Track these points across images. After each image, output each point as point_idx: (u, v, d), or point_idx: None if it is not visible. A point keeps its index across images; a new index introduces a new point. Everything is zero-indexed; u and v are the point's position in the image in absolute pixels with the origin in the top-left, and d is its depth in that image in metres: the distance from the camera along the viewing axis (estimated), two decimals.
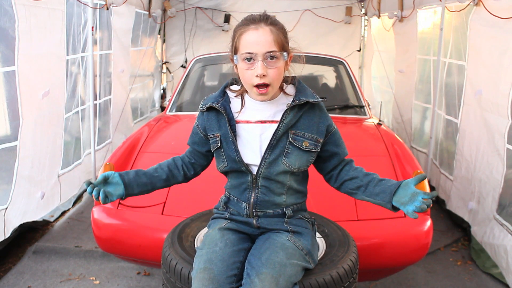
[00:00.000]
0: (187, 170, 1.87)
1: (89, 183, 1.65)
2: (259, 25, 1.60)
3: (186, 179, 1.89)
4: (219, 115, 1.74)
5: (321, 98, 1.74)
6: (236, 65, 1.68)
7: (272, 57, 1.60)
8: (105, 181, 1.70)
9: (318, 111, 1.73)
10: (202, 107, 1.77)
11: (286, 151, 1.67)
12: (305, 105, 1.70)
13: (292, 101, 1.68)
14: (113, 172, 1.73)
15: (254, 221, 1.73)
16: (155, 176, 1.81)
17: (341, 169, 1.78)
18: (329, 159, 1.78)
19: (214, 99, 1.76)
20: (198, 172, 1.91)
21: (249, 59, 1.60)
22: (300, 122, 1.69)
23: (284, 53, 1.63)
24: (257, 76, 1.59)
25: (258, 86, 1.61)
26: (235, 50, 1.64)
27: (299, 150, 1.68)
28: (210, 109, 1.76)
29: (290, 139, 1.67)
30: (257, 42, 1.58)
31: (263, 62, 1.58)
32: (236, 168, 1.71)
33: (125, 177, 1.75)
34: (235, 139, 1.70)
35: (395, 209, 1.63)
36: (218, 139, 1.73)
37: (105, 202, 1.67)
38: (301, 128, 1.69)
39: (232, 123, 1.71)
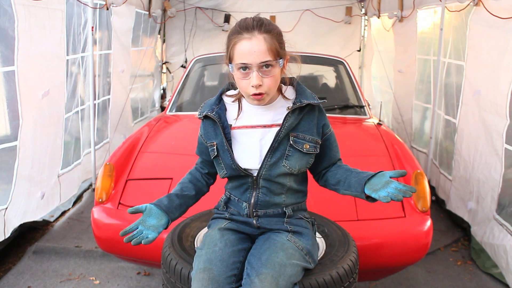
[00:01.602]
0: (207, 179, 1.89)
1: (125, 233, 1.60)
2: (252, 34, 1.56)
3: (208, 188, 1.90)
4: (215, 124, 1.73)
5: (320, 98, 1.74)
6: (229, 68, 1.67)
7: (267, 66, 1.57)
8: (144, 216, 1.66)
9: (317, 113, 1.73)
10: (200, 115, 1.78)
11: (287, 154, 1.67)
12: (305, 107, 1.70)
13: (293, 103, 1.68)
14: (145, 206, 1.68)
15: (254, 221, 1.73)
16: (185, 195, 1.81)
17: (329, 169, 1.79)
18: (320, 161, 1.78)
19: (210, 106, 1.75)
20: (215, 178, 1.91)
21: (244, 69, 1.58)
22: (301, 124, 1.69)
23: (280, 60, 1.61)
24: (252, 86, 1.58)
25: (253, 94, 1.61)
26: (229, 59, 1.63)
27: (300, 152, 1.68)
28: (206, 117, 1.76)
29: (291, 141, 1.67)
30: (251, 52, 1.55)
31: (258, 72, 1.56)
32: (234, 174, 1.71)
33: (162, 205, 1.72)
34: (230, 147, 1.69)
35: (370, 199, 1.59)
36: (215, 147, 1.73)
37: (149, 242, 1.61)
38: (301, 130, 1.69)
39: (227, 131, 1.71)
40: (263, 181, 1.70)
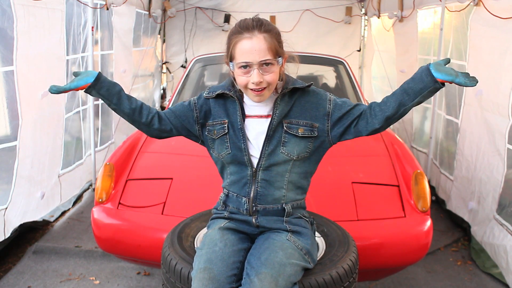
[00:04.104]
0: (154, 120, 1.78)
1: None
2: (253, 33, 1.61)
3: (148, 127, 1.79)
4: (228, 103, 1.75)
5: (309, 83, 1.73)
6: (230, 66, 1.70)
7: (267, 64, 1.62)
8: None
9: (309, 97, 1.73)
10: (209, 93, 1.77)
11: (283, 140, 1.70)
12: (295, 93, 1.72)
13: (281, 91, 1.71)
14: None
15: (254, 220, 1.73)
16: (126, 97, 1.74)
17: (371, 115, 1.67)
18: (355, 123, 1.69)
19: (225, 87, 1.75)
20: (159, 133, 1.82)
21: (245, 67, 1.62)
22: (293, 110, 1.72)
23: (279, 59, 1.65)
24: (253, 83, 1.62)
25: (254, 89, 1.64)
26: (230, 57, 1.66)
27: (296, 137, 1.71)
28: (218, 96, 1.77)
29: (285, 127, 1.70)
30: (252, 51, 1.60)
31: (258, 70, 1.61)
32: (238, 158, 1.72)
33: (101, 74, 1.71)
34: (244, 128, 1.72)
35: (441, 84, 1.60)
36: (226, 125, 1.74)
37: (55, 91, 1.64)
38: (294, 116, 1.72)
39: (244, 112, 1.74)
40: (262, 173, 1.71)
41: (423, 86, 1.60)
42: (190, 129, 1.80)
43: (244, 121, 1.73)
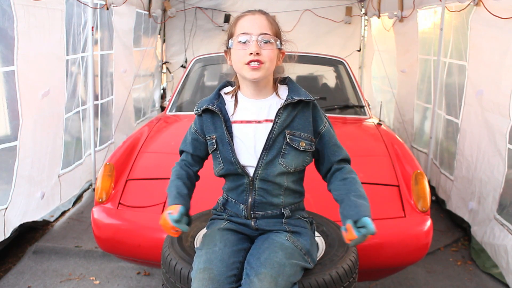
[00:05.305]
0: (196, 177, 1.88)
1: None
2: (255, 12, 1.67)
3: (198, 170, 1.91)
4: (214, 117, 1.73)
5: (315, 97, 1.74)
6: (229, 54, 1.69)
7: (266, 41, 1.63)
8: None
9: (311, 110, 1.72)
10: (197, 110, 1.77)
11: (283, 152, 1.67)
12: (298, 104, 1.69)
13: (285, 100, 1.68)
14: (180, 212, 1.66)
15: (252, 223, 1.73)
16: (191, 191, 1.82)
17: (333, 177, 1.75)
18: (320, 162, 1.77)
19: (209, 101, 1.75)
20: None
21: (244, 41, 1.62)
22: (295, 121, 1.68)
23: (278, 42, 1.66)
24: (251, 53, 1.60)
25: (250, 62, 1.62)
26: (230, 35, 1.68)
27: (296, 150, 1.68)
28: (205, 111, 1.75)
29: (288, 139, 1.67)
30: (253, 24, 1.63)
31: (257, 43, 1.61)
32: (233, 171, 1.70)
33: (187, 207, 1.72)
34: (231, 140, 1.69)
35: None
36: (214, 141, 1.72)
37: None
38: (297, 128, 1.68)
39: (228, 124, 1.70)
40: (259, 182, 1.68)
41: (348, 213, 1.64)
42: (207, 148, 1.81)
43: (231, 134, 1.69)
